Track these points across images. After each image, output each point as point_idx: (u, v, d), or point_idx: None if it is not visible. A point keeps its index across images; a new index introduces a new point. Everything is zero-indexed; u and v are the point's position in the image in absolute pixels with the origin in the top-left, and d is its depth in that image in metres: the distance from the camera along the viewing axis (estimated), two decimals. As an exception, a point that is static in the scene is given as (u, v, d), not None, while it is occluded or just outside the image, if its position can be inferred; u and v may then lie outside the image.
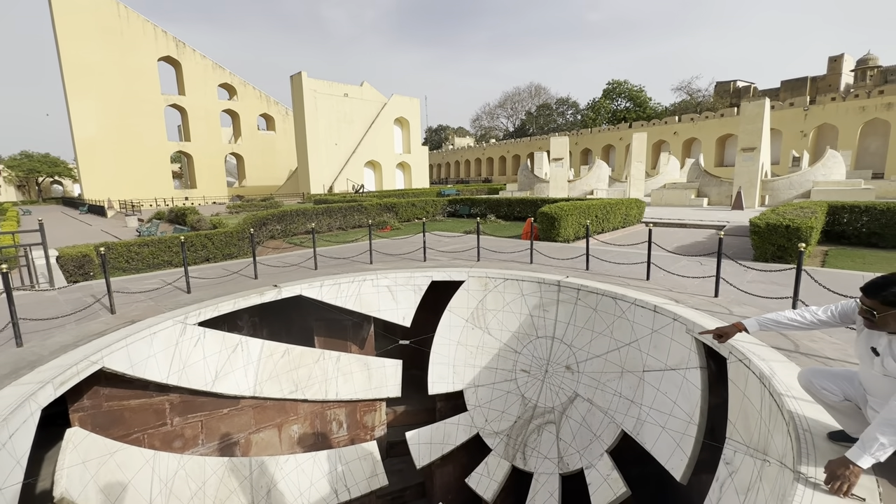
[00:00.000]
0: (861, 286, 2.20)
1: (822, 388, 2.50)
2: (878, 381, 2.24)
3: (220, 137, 50.40)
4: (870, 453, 2.03)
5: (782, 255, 7.71)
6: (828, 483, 2.15)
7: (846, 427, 2.50)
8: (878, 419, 2.08)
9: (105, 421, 4.96)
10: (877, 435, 2.03)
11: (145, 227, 21.12)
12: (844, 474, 2.09)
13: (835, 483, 2.11)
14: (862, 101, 37.94)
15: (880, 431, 2.03)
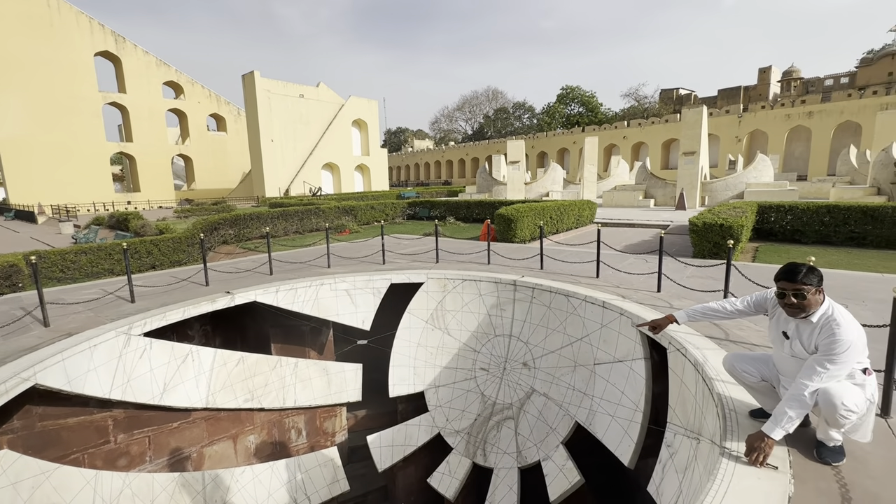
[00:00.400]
0: (783, 276, 2.40)
1: (743, 370, 2.77)
2: (788, 361, 2.52)
3: (167, 138, 47.71)
4: (781, 426, 2.29)
5: (718, 251, 8.32)
6: (747, 455, 2.39)
7: (764, 405, 2.79)
8: (786, 395, 2.35)
9: (38, 442, 4.62)
10: (786, 409, 2.29)
11: (82, 234, 19.69)
12: (761, 446, 2.33)
13: (752, 454, 2.36)
14: (787, 110, 41.47)
15: (788, 406, 2.30)
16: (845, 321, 2.26)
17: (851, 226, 10.18)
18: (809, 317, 2.37)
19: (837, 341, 2.22)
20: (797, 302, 2.34)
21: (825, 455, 2.41)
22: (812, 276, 2.33)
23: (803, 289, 2.32)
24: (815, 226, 10.65)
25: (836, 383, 2.27)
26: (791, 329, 2.48)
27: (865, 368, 2.34)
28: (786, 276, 2.39)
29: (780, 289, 2.43)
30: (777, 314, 2.60)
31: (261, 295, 6.68)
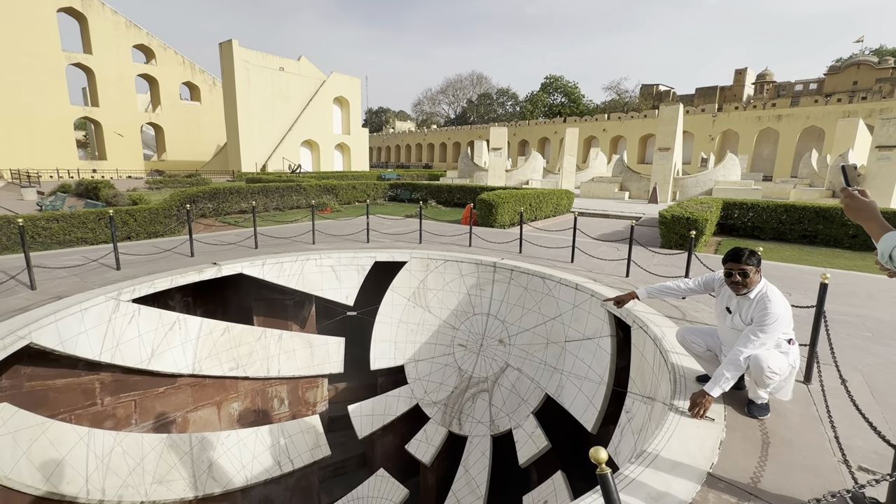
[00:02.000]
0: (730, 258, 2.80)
1: (692, 341, 3.21)
2: (729, 333, 2.95)
3: (136, 105, 45.54)
4: (719, 385, 2.72)
5: (683, 242, 8.90)
6: (690, 409, 2.83)
7: (707, 371, 3.24)
8: (724, 360, 2.78)
9: (27, 402, 4.71)
10: (723, 371, 2.72)
11: (48, 202, 18.92)
12: (701, 402, 2.77)
13: (695, 409, 2.79)
14: (758, 112, 43.06)
15: (726, 369, 2.72)
16: (776, 298, 2.69)
17: (805, 224, 10.98)
18: (748, 293, 2.79)
19: (769, 314, 2.65)
20: (741, 280, 2.76)
21: (754, 411, 2.86)
22: (753, 258, 2.75)
23: (747, 268, 2.74)
24: (773, 223, 11.43)
25: (765, 350, 2.71)
26: (733, 305, 2.90)
27: (790, 339, 2.79)
28: (732, 258, 2.80)
29: (727, 269, 2.83)
30: (722, 293, 3.02)
31: (247, 267, 6.81)
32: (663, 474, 2.32)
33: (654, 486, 2.23)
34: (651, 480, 2.27)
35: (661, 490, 2.20)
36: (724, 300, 3.00)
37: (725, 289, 2.97)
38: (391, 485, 6.30)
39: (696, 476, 2.31)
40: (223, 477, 5.75)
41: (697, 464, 2.40)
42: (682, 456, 2.46)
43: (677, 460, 2.43)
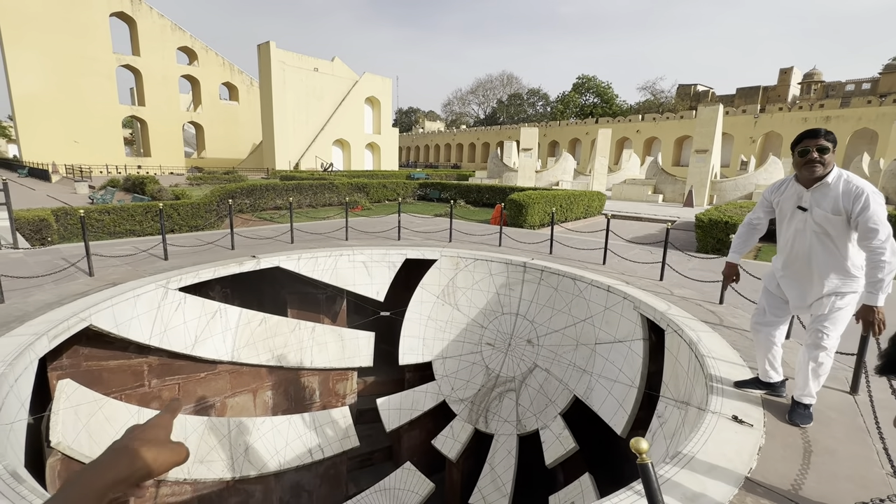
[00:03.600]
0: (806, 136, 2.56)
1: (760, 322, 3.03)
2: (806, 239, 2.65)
3: (179, 104, 47.74)
4: (881, 291, 2.42)
5: (721, 247, 8.64)
6: (866, 331, 2.52)
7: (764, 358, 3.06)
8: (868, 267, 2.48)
9: (84, 380, 5.06)
10: (876, 276, 2.42)
11: (99, 195, 20.10)
12: (874, 318, 2.45)
13: (871, 328, 2.47)
14: (804, 113, 41.04)
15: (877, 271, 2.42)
16: (857, 178, 2.50)
17: (854, 231, 10.44)
18: (825, 178, 2.52)
19: (863, 192, 2.44)
20: (820, 157, 2.47)
21: (796, 418, 2.79)
22: (831, 134, 2.52)
23: (826, 144, 2.48)
24: (819, 229, 10.91)
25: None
26: (807, 199, 2.61)
27: None
28: (809, 135, 2.53)
29: (802, 147, 2.54)
30: (786, 196, 2.76)
31: (284, 261, 7.06)
32: (699, 476, 2.30)
33: (690, 486, 2.22)
34: (686, 481, 2.26)
35: (697, 491, 2.19)
36: (792, 200, 2.69)
37: (789, 189, 2.71)
38: (417, 478, 6.40)
39: (733, 479, 2.29)
40: (258, 461, 5.99)
41: (735, 467, 2.37)
42: (718, 459, 2.44)
43: (714, 463, 2.40)
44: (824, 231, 2.57)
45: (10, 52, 35.67)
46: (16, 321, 4.07)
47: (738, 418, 2.81)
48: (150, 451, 0.58)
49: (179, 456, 0.63)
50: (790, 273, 2.83)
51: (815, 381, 2.73)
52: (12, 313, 4.29)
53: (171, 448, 0.62)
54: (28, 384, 3.38)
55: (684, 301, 5.44)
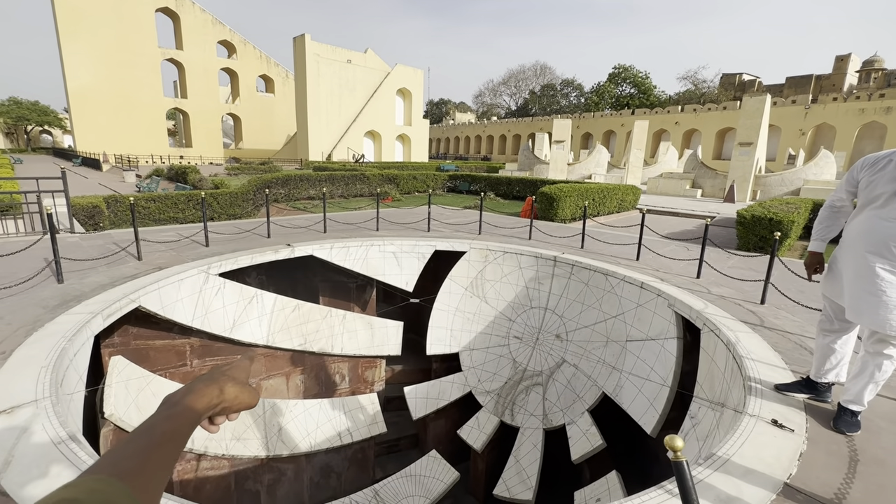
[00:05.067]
0: None
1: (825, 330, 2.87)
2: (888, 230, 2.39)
3: (218, 96, 49.40)
4: None
5: (764, 245, 8.25)
6: None
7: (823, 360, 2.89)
8: None
9: (133, 358, 5.39)
10: None
11: (145, 184, 21.14)
12: None
13: None
14: (862, 103, 38.31)
15: None
16: None
17: (913, 231, 9.73)
18: None
19: None
20: None
21: (842, 425, 2.65)
22: None
23: None
24: (873, 228, 10.23)
25: None
26: None
27: None
28: None
29: None
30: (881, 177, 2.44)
31: (317, 250, 7.25)
32: (734, 479, 2.24)
33: (724, 489, 2.17)
34: (720, 484, 2.21)
35: (732, 494, 2.13)
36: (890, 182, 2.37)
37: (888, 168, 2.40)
38: (443, 466, 6.50)
39: (770, 484, 2.21)
40: (290, 441, 6.23)
41: (773, 473, 2.29)
42: (755, 463, 2.36)
43: (750, 467, 2.33)
44: None
45: (66, 46, 37.79)
46: (74, 300, 4.37)
47: (777, 422, 2.71)
48: (233, 388, 0.66)
49: (254, 398, 0.70)
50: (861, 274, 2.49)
51: (872, 390, 2.59)
52: (70, 293, 4.60)
53: (249, 390, 0.69)
54: (85, 359, 3.64)
55: (722, 300, 5.25)
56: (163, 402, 0.59)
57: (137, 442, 0.51)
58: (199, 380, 0.65)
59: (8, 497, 1.95)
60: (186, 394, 0.61)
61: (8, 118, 63.92)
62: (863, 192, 2.55)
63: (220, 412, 0.65)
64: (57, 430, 2.41)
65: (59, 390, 2.91)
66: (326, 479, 6.83)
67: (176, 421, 0.56)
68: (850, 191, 2.70)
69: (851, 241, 2.59)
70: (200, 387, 0.63)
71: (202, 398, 0.61)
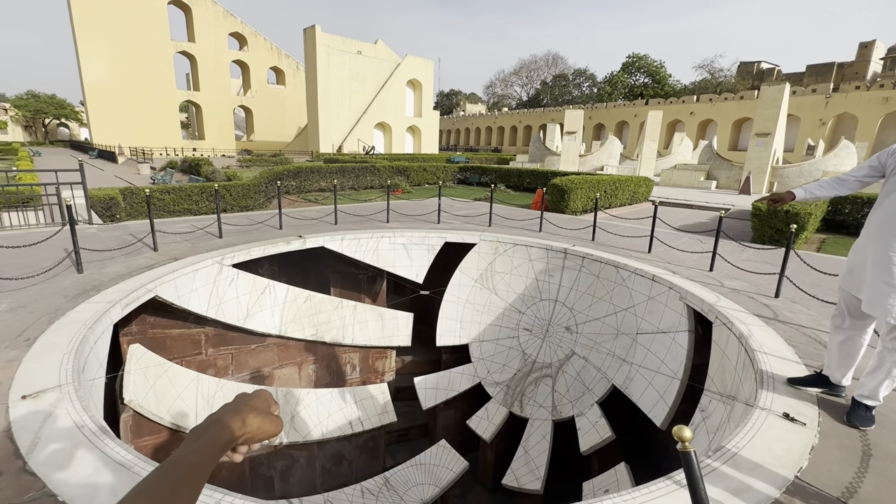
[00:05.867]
0: None
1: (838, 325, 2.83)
2: None
3: (230, 89, 49.68)
4: None
5: (779, 237, 8.10)
6: None
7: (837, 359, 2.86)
8: None
9: (150, 346, 5.52)
10: None
11: (159, 176, 21.45)
12: None
13: None
14: (886, 92, 37.12)
15: None
16: None
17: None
18: None
19: None
20: None
21: (856, 420, 2.62)
22: None
23: None
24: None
25: None
26: None
27: None
28: None
29: None
30: None
31: (328, 241, 7.32)
32: (744, 471, 2.24)
33: (733, 481, 2.17)
34: (729, 476, 2.21)
35: (741, 486, 2.14)
36: None
37: None
38: (452, 456, 6.57)
39: (780, 478, 2.21)
40: (303, 428, 6.36)
41: (783, 466, 2.28)
42: (765, 456, 2.36)
43: (760, 460, 2.33)
44: None
45: (82, 39, 38.26)
46: (93, 290, 4.49)
47: (789, 416, 2.69)
48: (255, 419, 0.67)
49: (277, 427, 0.71)
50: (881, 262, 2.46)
51: (889, 385, 2.55)
52: (90, 282, 4.73)
53: (271, 419, 0.70)
54: (105, 347, 3.75)
55: (735, 293, 5.19)
56: (188, 434, 0.61)
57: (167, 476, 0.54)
58: (223, 410, 0.66)
59: (35, 477, 2.04)
60: (210, 426, 0.62)
61: (26, 111, 65.18)
62: (891, 178, 2.53)
63: (243, 442, 0.66)
64: (80, 415, 2.50)
65: (81, 376, 3.01)
66: (338, 467, 6.96)
67: (202, 455, 0.59)
68: (869, 173, 2.67)
69: (873, 230, 2.57)
70: (224, 419, 0.64)
71: (225, 431, 0.62)
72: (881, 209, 2.55)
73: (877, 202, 2.63)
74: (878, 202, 2.62)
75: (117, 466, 2.10)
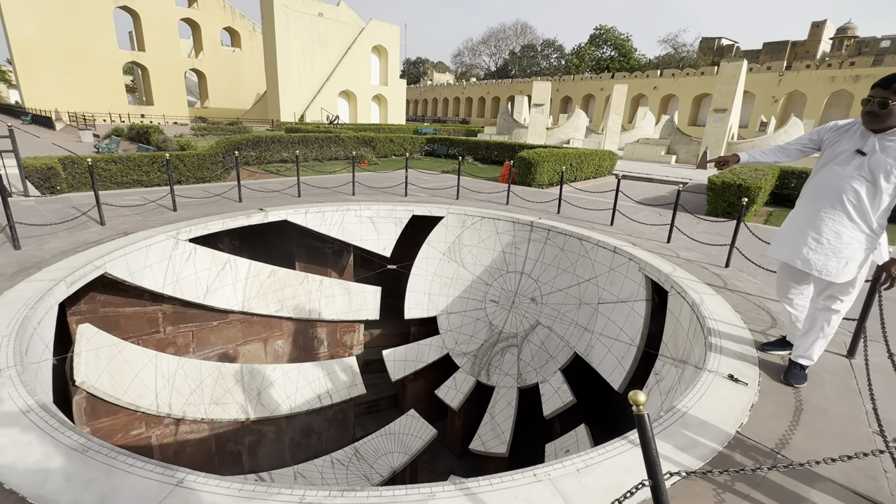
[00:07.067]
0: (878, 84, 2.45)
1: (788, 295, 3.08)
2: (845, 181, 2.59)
3: (180, 50, 46.08)
4: None
5: (732, 210, 8.52)
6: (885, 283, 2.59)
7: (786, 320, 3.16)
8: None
9: (102, 326, 5.25)
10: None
11: (104, 144, 19.91)
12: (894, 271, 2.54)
13: (891, 281, 2.55)
14: (833, 71, 38.98)
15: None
16: None
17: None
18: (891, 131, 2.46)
19: None
20: (876, 110, 2.41)
21: (791, 378, 2.87)
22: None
23: (889, 97, 2.37)
24: (834, 195, 10.67)
25: None
26: (869, 146, 2.53)
27: None
28: (880, 84, 2.44)
29: (869, 96, 2.47)
30: (841, 140, 2.67)
31: (291, 215, 7.09)
32: (692, 429, 2.41)
33: (682, 438, 2.33)
34: (679, 433, 2.38)
35: (689, 442, 2.30)
36: (852, 143, 2.60)
37: (855, 131, 2.63)
38: (421, 424, 6.73)
39: (723, 433, 2.39)
40: (270, 404, 6.32)
41: (726, 422, 2.47)
42: (711, 415, 2.54)
43: (706, 418, 2.51)
44: (873, 180, 2.51)
45: (4, -10, 34.19)
46: (33, 267, 4.19)
47: (733, 377, 2.90)
48: None
49: None
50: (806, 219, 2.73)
51: (822, 345, 2.82)
52: (29, 259, 4.40)
53: None
54: (50, 327, 3.53)
55: (690, 264, 5.46)
56: None
57: None
58: None
59: (-22, 465, 1.93)
60: None
61: (-58, 69, 58.28)
62: (826, 150, 2.77)
63: None
64: (25, 399, 2.36)
65: (24, 359, 2.84)
66: (307, 439, 7.00)
67: None
68: (811, 140, 2.91)
69: (808, 194, 2.81)
70: None
71: None
72: (815, 179, 2.79)
73: (812, 173, 2.87)
74: (812, 173, 2.86)
75: (69, 451, 2.02)
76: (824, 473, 2.10)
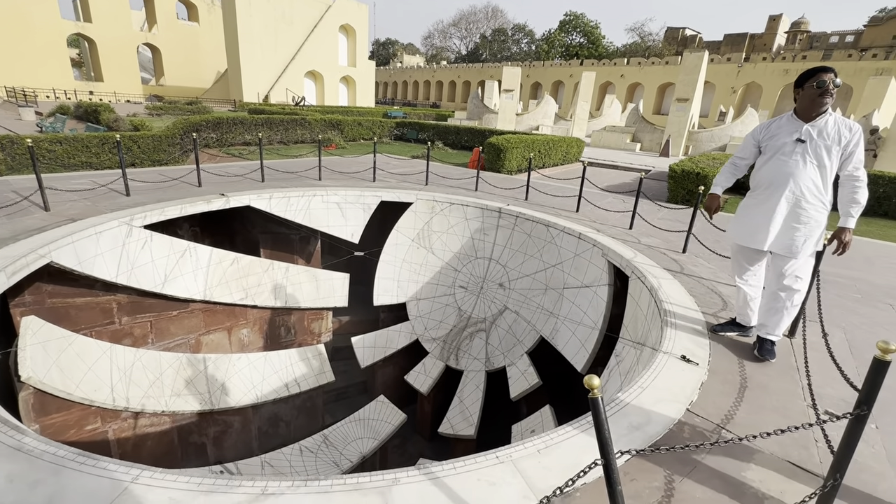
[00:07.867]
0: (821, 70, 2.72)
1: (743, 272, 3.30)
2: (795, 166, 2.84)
3: (131, 22, 43.07)
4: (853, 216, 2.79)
5: (691, 198, 8.87)
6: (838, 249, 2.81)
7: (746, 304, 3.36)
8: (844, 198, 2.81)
9: (50, 317, 4.96)
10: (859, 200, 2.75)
11: (48, 123, 18.53)
12: (848, 237, 2.78)
13: (841, 246, 2.79)
14: (787, 64, 40.77)
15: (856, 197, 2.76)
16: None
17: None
18: (822, 116, 2.77)
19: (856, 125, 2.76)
20: (834, 90, 2.70)
21: (766, 354, 3.10)
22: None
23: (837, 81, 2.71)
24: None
25: None
26: (807, 133, 2.81)
27: None
28: (824, 70, 2.71)
29: (821, 80, 2.69)
30: (778, 134, 2.94)
31: (255, 200, 6.86)
32: (646, 408, 2.54)
33: (636, 417, 2.46)
34: (634, 413, 2.50)
35: (642, 421, 2.42)
36: (790, 134, 2.88)
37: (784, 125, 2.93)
38: (390, 409, 6.78)
39: (674, 411, 2.53)
40: (236, 394, 6.19)
41: (678, 401, 2.61)
42: (664, 394, 2.68)
43: (660, 397, 2.64)
44: (819, 162, 2.81)
45: (-77, -53, 30.78)
46: (-32, 256, 3.89)
47: (686, 357, 3.06)
48: None
49: None
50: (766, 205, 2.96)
51: (788, 319, 3.07)
52: (-37, 248, 4.08)
53: None
54: (-11, 320, 3.31)
55: (650, 249, 5.66)
56: None
57: None
58: None
59: None
60: None
61: None
62: (767, 146, 3.04)
63: None
64: (-39, 398, 2.21)
65: (-40, 355, 2.65)
66: (275, 428, 6.93)
67: None
68: (750, 151, 3.18)
69: (763, 184, 3.04)
70: None
71: None
72: (766, 169, 3.02)
73: (756, 167, 3.13)
74: (757, 167, 3.11)
75: (11, 451, 1.92)
76: (762, 446, 2.27)
